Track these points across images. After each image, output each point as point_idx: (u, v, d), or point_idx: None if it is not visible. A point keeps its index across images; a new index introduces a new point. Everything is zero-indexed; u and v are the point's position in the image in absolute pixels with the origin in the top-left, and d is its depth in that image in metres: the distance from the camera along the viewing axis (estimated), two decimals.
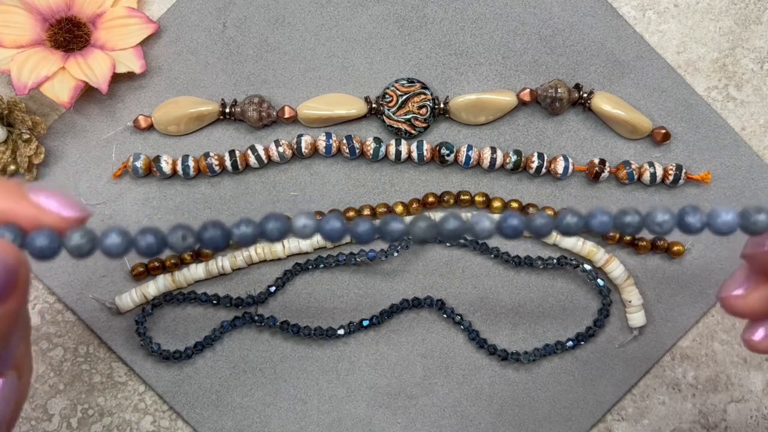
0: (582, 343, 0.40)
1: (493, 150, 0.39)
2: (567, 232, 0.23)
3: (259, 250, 0.39)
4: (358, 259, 0.39)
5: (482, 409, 0.39)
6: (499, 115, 0.40)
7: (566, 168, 0.39)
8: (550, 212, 0.39)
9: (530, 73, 0.40)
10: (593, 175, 0.39)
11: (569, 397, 0.40)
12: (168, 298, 0.39)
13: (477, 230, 0.22)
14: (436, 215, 0.40)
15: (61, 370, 0.39)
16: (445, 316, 0.40)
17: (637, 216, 0.23)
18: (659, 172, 0.39)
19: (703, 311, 0.40)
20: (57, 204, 0.22)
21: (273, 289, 0.39)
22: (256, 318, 0.39)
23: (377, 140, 0.39)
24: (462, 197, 0.39)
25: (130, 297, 0.38)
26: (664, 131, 0.39)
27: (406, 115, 0.39)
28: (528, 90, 0.39)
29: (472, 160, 0.39)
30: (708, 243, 0.40)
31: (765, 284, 0.25)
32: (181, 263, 0.39)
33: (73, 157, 0.39)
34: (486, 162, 0.39)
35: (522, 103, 0.39)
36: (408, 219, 0.40)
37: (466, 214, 0.40)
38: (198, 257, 0.39)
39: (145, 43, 0.39)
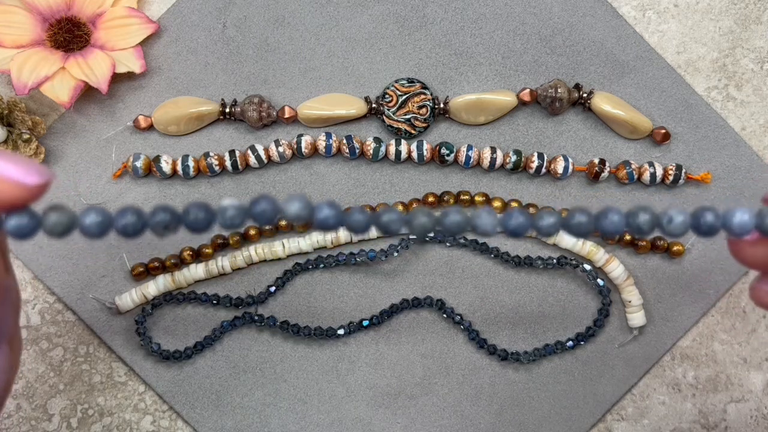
0: (582, 343, 0.40)
1: (493, 150, 0.39)
2: (577, 232, 0.22)
3: (259, 250, 0.39)
4: (358, 259, 0.39)
5: (482, 409, 0.39)
6: (499, 115, 0.40)
7: (566, 168, 0.39)
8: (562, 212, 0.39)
9: (530, 73, 0.40)
10: (593, 175, 0.39)
11: (569, 397, 0.40)
12: (168, 298, 0.39)
13: (478, 224, 0.22)
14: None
15: (61, 370, 0.39)
16: (445, 316, 0.40)
17: (649, 216, 0.22)
18: (659, 172, 0.39)
19: (703, 311, 0.40)
20: (16, 171, 0.20)
21: (273, 289, 0.39)
22: (256, 318, 0.39)
23: (377, 140, 0.39)
24: (462, 197, 0.39)
25: (130, 297, 0.38)
26: (664, 131, 0.39)
27: (406, 115, 0.39)
28: (528, 90, 0.39)
29: (472, 160, 0.39)
30: (708, 243, 0.40)
31: None
32: (181, 263, 0.39)
33: (73, 157, 0.39)
34: (486, 162, 0.39)
35: (522, 103, 0.39)
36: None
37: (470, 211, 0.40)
38: (198, 257, 0.39)
39: (145, 43, 0.39)
